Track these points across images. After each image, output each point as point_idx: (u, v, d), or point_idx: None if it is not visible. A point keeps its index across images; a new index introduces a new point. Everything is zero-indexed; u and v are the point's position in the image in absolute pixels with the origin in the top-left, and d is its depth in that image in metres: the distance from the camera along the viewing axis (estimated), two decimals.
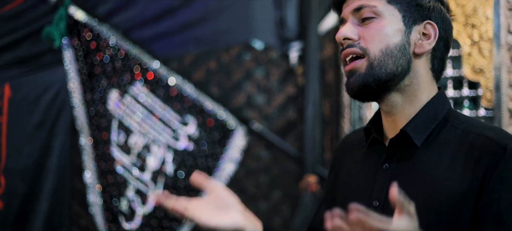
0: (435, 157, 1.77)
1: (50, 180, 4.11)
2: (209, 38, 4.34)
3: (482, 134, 1.74)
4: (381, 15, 1.80)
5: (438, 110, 1.84)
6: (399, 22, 1.80)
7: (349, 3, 1.84)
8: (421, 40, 1.82)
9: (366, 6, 1.80)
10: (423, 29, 1.82)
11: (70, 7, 4.03)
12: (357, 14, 1.82)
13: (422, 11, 1.83)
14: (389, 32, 1.79)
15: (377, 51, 1.78)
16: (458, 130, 1.79)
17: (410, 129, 1.79)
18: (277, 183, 4.39)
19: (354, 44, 1.80)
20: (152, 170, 4.21)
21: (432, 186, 1.74)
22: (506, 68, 3.39)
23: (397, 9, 1.81)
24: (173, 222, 4.23)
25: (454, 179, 1.72)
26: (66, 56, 4.08)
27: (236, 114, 4.30)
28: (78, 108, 4.14)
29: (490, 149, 1.70)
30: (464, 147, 1.75)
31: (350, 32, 1.81)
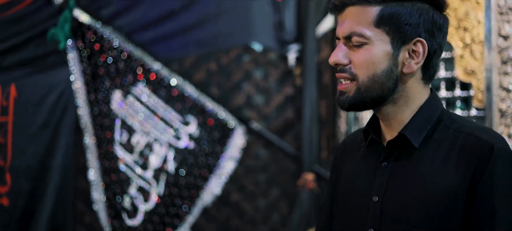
0: (430, 156, 1.85)
1: (55, 178, 4.13)
2: (209, 41, 4.34)
3: (472, 134, 1.81)
4: (370, 40, 1.82)
5: (432, 112, 1.90)
6: (387, 46, 1.84)
7: (342, 20, 1.88)
8: (409, 59, 1.85)
9: (354, 34, 1.83)
10: (412, 47, 1.85)
11: (75, 10, 4.04)
12: (348, 39, 1.85)
13: (411, 29, 1.85)
14: (377, 59, 1.83)
15: (365, 78, 1.83)
16: (451, 130, 1.86)
17: (408, 132, 1.86)
18: (275, 181, 4.40)
19: (345, 69, 1.84)
20: (154, 168, 4.23)
21: (428, 183, 1.82)
22: (497, 70, 3.43)
23: (385, 32, 1.83)
24: (175, 219, 4.25)
25: (448, 176, 1.80)
26: (70, 58, 4.10)
27: (235, 114, 4.31)
28: (82, 108, 4.15)
29: (479, 148, 1.78)
30: (456, 146, 1.82)
31: (341, 58, 1.85)
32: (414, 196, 1.81)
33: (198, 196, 4.29)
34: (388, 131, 1.93)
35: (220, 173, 4.31)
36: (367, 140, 1.99)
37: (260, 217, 4.40)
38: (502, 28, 3.41)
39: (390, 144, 1.90)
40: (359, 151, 2.02)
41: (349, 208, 1.97)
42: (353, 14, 1.84)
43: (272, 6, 4.39)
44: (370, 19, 1.82)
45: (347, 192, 2.00)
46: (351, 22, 1.83)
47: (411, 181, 1.85)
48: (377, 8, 1.82)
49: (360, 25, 1.82)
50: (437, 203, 1.79)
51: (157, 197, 4.24)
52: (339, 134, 4.36)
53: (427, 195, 1.81)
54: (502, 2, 3.39)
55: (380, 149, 1.94)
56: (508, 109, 3.36)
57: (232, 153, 4.32)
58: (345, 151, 2.14)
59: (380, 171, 1.89)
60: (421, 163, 1.85)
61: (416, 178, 1.84)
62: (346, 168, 2.04)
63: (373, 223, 1.88)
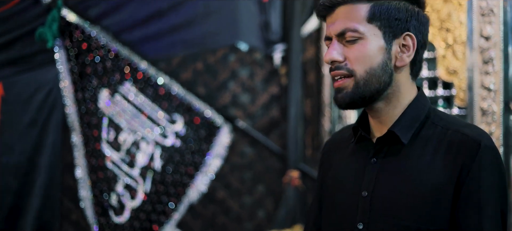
0: (418, 152, 1.88)
1: (42, 176, 4.10)
2: (196, 41, 4.35)
3: (459, 131, 1.85)
4: (363, 36, 1.86)
5: (420, 110, 1.94)
6: (380, 40, 1.87)
7: (333, 20, 1.91)
8: (401, 53, 1.89)
9: (348, 30, 1.86)
10: (402, 41, 1.89)
11: (63, 9, 4.02)
12: (341, 36, 1.88)
13: (400, 24, 1.89)
14: (372, 53, 1.87)
15: (362, 72, 1.86)
16: (438, 127, 1.90)
17: (397, 129, 1.89)
18: (260, 179, 4.43)
19: (341, 66, 1.87)
20: (140, 165, 4.22)
21: (416, 179, 1.86)
22: (478, 70, 3.46)
23: (377, 27, 1.87)
24: (161, 216, 4.25)
25: (435, 172, 1.84)
26: (58, 57, 4.08)
27: (221, 113, 4.32)
28: (69, 106, 4.13)
29: (466, 144, 1.82)
30: (443, 142, 1.86)
31: (336, 55, 1.88)
32: (402, 191, 1.85)
33: (185, 193, 4.29)
34: (377, 128, 1.96)
35: (206, 171, 4.32)
36: (356, 137, 2.01)
37: (246, 214, 4.42)
38: (484, 29, 3.43)
39: (379, 141, 1.93)
40: (347, 147, 2.05)
41: (338, 203, 1.99)
42: (344, 12, 1.88)
43: (258, 7, 4.42)
44: (362, 15, 1.85)
45: (336, 187, 2.03)
46: (343, 20, 1.87)
47: (399, 176, 1.88)
48: (367, 5, 1.86)
49: (353, 21, 1.86)
50: (425, 198, 1.83)
51: (144, 195, 4.23)
52: (323, 132, 4.41)
53: (415, 190, 1.84)
54: (484, 4, 3.42)
55: (369, 145, 1.97)
56: (489, 108, 3.39)
57: (218, 151, 4.33)
58: (333, 149, 2.17)
59: (369, 167, 1.92)
60: (410, 159, 1.89)
61: (405, 174, 1.88)
62: (334, 164, 2.07)
63: (362, 218, 1.90)
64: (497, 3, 3.39)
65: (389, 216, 1.87)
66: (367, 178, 1.92)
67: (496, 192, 1.83)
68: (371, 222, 1.89)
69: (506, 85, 3.38)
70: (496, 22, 3.40)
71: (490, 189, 1.81)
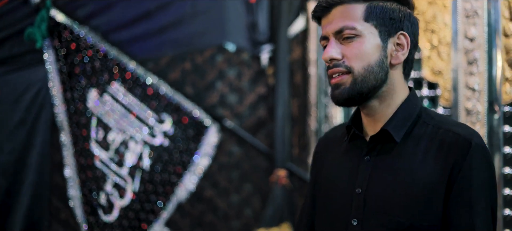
0: (410, 151, 1.93)
1: (31, 175, 4.09)
2: (184, 41, 4.37)
3: (450, 130, 1.90)
4: (361, 34, 1.91)
5: (412, 109, 1.99)
6: (377, 38, 1.92)
7: (330, 20, 1.95)
8: (396, 51, 1.94)
9: (346, 27, 1.90)
10: (397, 40, 1.94)
11: (51, 10, 4.01)
12: (338, 34, 1.92)
13: (395, 23, 1.94)
14: (369, 50, 1.91)
15: (360, 69, 1.90)
16: (429, 126, 1.95)
17: (390, 127, 1.93)
18: (248, 177, 4.46)
19: (339, 63, 1.91)
20: (129, 165, 4.23)
21: (409, 176, 1.90)
22: (463, 71, 3.52)
23: (374, 25, 1.91)
24: (150, 215, 4.26)
25: (427, 170, 1.88)
26: (47, 57, 4.06)
27: (209, 113, 4.34)
28: (58, 106, 4.13)
29: (457, 143, 1.87)
30: (435, 141, 1.91)
31: (335, 53, 1.92)
32: (395, 188, 1.89)
33: (173, 192, 4.30)
34: (370, 126, 2.00)
35: (194, 170, 4.33)
36: (349, 135, 2.05)
37: (234, 213, 4.44)
38: (468, 30, 3.48)
39: (373, 139, 1.97)
40: (341, 146, 2.09)
41: (332, 200, 2.02)
42: (340, 12, 1.92)
43: (246, 7, 4.44)
44: (359, 14, 1.90)
45: (330, 185, 2.06)
46: (340, 19, 1.91)
47: (392, 174, 1.92)
48: (363, 5, 1.91)
49: (350, 20, 1.90)
50: (417, 196, 1.87)
51: (133, 193, 4.23)
52: (310, 132, 4.45)
53: (408, 187, 1.88)
54: (468, 6, 3.47)
55: (362, 143, 2.01)
56: (474, 108, 3.45)
57: (206, 150, 4.35)
58: (326, 147, 2.21)
59: (363, 164, 1.96)
60: (402, 157, 1.93)
61: (398, 171, 1.91)
62: (328, 163, 2.11)
63: (356, 214, 1.94)
64: (481, 5, 3.44)
65: (382, 213, 1.90)
66: (361, 176, 1.95)
67: (487, 190, 1.87)
68: (365, 219, 1.92)
69: (490, 85, 3.42)
70: (480, 24, 3.45)
71: (481, 187, 1.86)
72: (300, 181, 4.38)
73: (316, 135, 4.47)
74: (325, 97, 4.39)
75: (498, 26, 3.39)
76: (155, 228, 4.29)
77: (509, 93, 3.34)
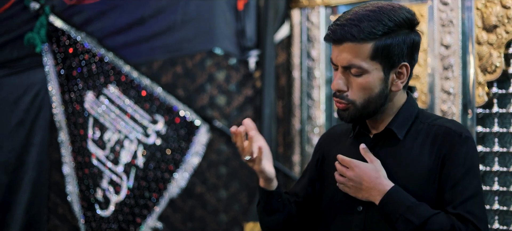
0: (409, 145, 2.11)
1: (30, 172, 4.08)
2: (175, 46, 4.38)
3: (443, 125, 2.10)
4: (366, 71, 2.03)
5: (411, 110, 2.17)
6: (380, 73, 2.04)
7: (340, 51, 2.05)
8: (396, 80, 2.08)
9: (354, 66, 2.03)
10: (398, 69, 2.07)
11: (50, 16, 4.00)
12: (346, 69, 2.05)
13: (398, 57, 2.05)
14: (372, 84, 2.04)
15: (362, 101, 2.06)
16: (425, 124, 2.13)
17: (394, 127, 2.11)
18: (236, 174, 4.48)
19: (343, 95, 2.06)
20: (124, 162, 4.24)
21: (408, 165, 2.08)
22: (439, 75, 3.67)
23: (379, 62, 2.03)
24: (144, 210, 4.28)
25: (424, 159, 2.07)
26: (45, 60, 4.06)
27: (200, 114, 4.36)
28: (56, 107, 4.12)
29: (449, 135, 2.07)
30: (430, 136, 2.09)
31: (342, 85, 2.07)
32: (397, 176, 2.06)
33: (165, 188, 4.32)
34: (373, 126, 2.17)
35: (185, 167, 4.36)
36: (354, 132, 2.22)
37: (222, 207, 4.47)
38: (444, 38, 3.64)
39: (377, 136, 2.15)
40: (346, 140, 2.26)
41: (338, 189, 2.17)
42: (350, 48, 2.02)
43: (234, 15, 4.47)
44: (366, 53, 2.01)
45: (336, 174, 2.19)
46: (349, 55, 2.02)
47: (394, 164, 2.09)
48: (371, 44, 2.00)
49: (358, 58, 2.01)
50: (416, 181, 2.05)
51: (127, 190, 4.24)
52: (294, 132, 4.53)
53: (408, 175, 2.07)
54: (444, 15, 3.62)
55: (367, 140, 2.18)
56: (449, 110, 3.62)
57: (197, 148, 4.37)
58: (332, 139, 2.37)
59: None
60: (402, 151, 2.10)
61: (399, 162, 2.09)
62: (333, 155, 2.26)
63: (361, 201, 2.12)
64: (456, 15, 3.60)
65: None
66: None
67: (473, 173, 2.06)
68: (370, 204, 2.09)
69: (464, 89, 3.60)
70: (455, 32, 3.61)
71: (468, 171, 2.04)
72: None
73: (300, 134, 4.53)
74: (308, 99, 4.47)
75: (472, 35, 3.56)
76: (148, 222, 4.30)
77: (481, 96, 3.51)
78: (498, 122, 3.54)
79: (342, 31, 2.03)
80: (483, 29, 3.50)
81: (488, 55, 3.47)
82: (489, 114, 3.57)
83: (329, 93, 4.39)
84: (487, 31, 3.47)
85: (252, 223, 4.24)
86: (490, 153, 3.58)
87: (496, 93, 3.52)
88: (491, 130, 3.56)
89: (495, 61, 3.44)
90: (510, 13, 3.37)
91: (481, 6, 3.50)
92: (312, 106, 4.43)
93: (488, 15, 3.46)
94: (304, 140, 4.52)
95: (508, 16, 3.38)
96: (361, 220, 2.15)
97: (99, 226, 4.18)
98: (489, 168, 3.56)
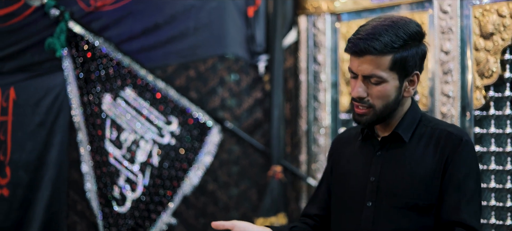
0: (413, 147, 2.26)
1: (50, 171, 4.10)
2: (188, 51, 4.40)
3: (445, 130, 2.25)
4: (385, 80, 2.18)
5: (416, 115, 2.32)
6: (396, 81, 2.20)
7: (361, 62, 2.19)
8: (408, 86, 2.24)
9: (375, 76, 2.17)
10: (411, 77, 2.23)
11: (69, 22, 4.03)
12: (367, 78, 2.19)
13: (412, 68, 2.21)
14: (389, 92, 2.19)
15: (380, 106, 2.21)
16: (428, 127, 2.28)
17: (400, 130, 2.27)
18: (246, 173, 4.49)
19: (364, 101, 2.20)
20: (140, 161, 4.27)
21: (413, 166, 2.23)
22: (439, 79, 3.72)
23: (396, 72, 2.18)
24: (158, 206, 4.29)
25: (427, 161, 2.22)
26: (65, 64, 4.09)
27: (212, 115, 4.38)
28: (75, 109, 4.14)
29: (451, 139, 2.21)
30: (433, 139, 2.24)
31: (362, 92, 2.20)
32: (403, 176, 2.21)
33: (179, 186, 4.35)
34: (381, 130, 2.32)
35: (198, 166, 4.39)
36: (363, 135, 2.36)
37: (233, 204, 4.49)
38: (444, 45, 3.67)
39: (384, 139, 2.29)
40: (355, 143, 2.39)
41: (349, 187, 2.32)
42: (371, 60, 2.16)
43: (244, 22, 4.52)
44: (385, 65, 2.16)
45: (347, 174, 2.37)
46: (370, 66, 2.16)
47: (400, 165, 2.23)
48: (390, 57, 2.15)
49: (378, 69, 2.16)
50: (420, 181, 2.19)
51: (143, 187, 4.27)
52: (301, 132, 4.58)
53: (413, 175, 2.20)
54: (444, 23, 3.65)
55: (374, 142, 2.33)
56: (448, 112, 3.66)
57: (209, 148, 4.41)
58: (342, 144, 2.49)
59: (375, 158, 2.29)
60: (407, 152, 2.25)
61: (404, 163, 2.23)
62: (344, 157, 2.42)
63: (370, 197, 2.26)
64: (455, 23, 3.62)
65: (392, 195, 2.22)
66: (374, 167, 2.26)
67: (472, 175, 2.19)
68: (378, 200, 2.23)
69: (463, 92, 3.63)
70: (454, 39, 3.64)
71: (468, 173, 2.18)
72: (292, 175, 4.49)
73: (307, 135, 4.58)
74: (315, 102, 4.52)
75: (470, 41, 3.58)
76: (163, 218, 4.33)
77: (479, 99, 3.55)
78: (495, 123, 3.59)
79: (364, 44, 2.16)
80: (480, 36, 3.54)
81: (485, 61, 3.50)
82: (486, 116, 3.61)
83: (334, 96, 4.44)
84: (484, 38, 3.53)
85: (262, 219, 4.28)
86: (487, 153, 3.62)
87: (492, 97, 3.57)
88: (488, 131, 3.60)
89: (492, 66, 3.50)
90: (506, 21, 3.42)
91: (478, 14, 3.55)
92: (318, 108, 4.49)
93: (485, 23, 3.50)
94: (310, 140, 4.57)
95: (504, 24, 3.43)
96: (371, 214, 2.27)
97: (116, 222, 4.22)
98: (486, 167, 3.60)
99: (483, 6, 3.55)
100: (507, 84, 3.55)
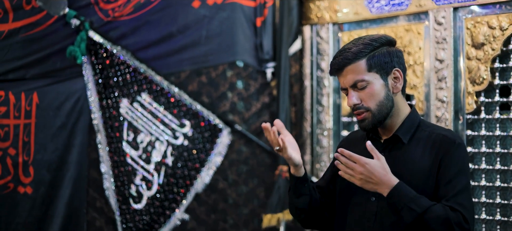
0: (413, 149, 2.43)
1: (71, 170, 4.16)
2: (200, 59, 4.46)
3: (441, 133, 2.42)
4: (369, 81, 2.39)
5: (414, 120, 2.49)
6: (380, 80, 2.40)
7: (344, 76, 2.41)
8: (394, 83, 2.42)
9: (358, 81, 2.39)
10: (393, 75, 2.42)
11: (89, 31, 4.11)
12: (354, 86, 2.40)
13: (389, 64, 2.42)
14: (378, 91, 2.39)
15: (375, 106, 2.40)
16: (426, 132, 2.46)
17: (400, 133, 2.44)
18: (254, 172, 4.58)
19: (360, 106, 2.40)
20: (155, 161, 4.36)
21: (412, 165, 2.40)
22: (433, 85, 3.80)
23: (375, 72, 2.39)
24: (172, 203, 4.37)
25: (424, 161, 2.39)
26: (85, 71, 4.16)
27: (222, 118, 4.49)
28: (95, 112, 4.21)
29: (445, 142, 2.39)
30: (430, 141, 2.42)
31: (355, 100, 2.41)
32: (403, 174, 2.37)
33: (192, 184, 4.41)
34: (383, 133, 2.49)
35: (209, 166, 4.48)
36: (368, 137, 2.53)
37: (242, 201, 4.53)
38: (438, 53, 3.76)
39: (386, 141, 2.47)
40: (361, 144, 2.53)
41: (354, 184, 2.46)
42: (351, 70, 2.39)
43: (253, 31, 4.59)
44: (363, 68, 2.38)
45: None
46: (352, 75, 2.39)
47: (401, 164, 2.40)
48: (364, 60, 2.37)
49: (359, 74, 2.38)
50: (418, 178, 2.37)
51: (158, 186, 4.36)
52: (305, 134, 4.66)
53: (412, 173, 2.38)
54: (438, 34, 3.74)
55: (378, 144, 2.49)
56: (443, 116, 3.76)
57: (220, 149, 4.48)
58: (349, 144, 2.64)
59: None
60: (407, 153, 2.42)
61: (404, 163, 2.41)
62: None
63: (374, 193, 2.42)
64: (449, 33, 3.70)
65: None
66: None
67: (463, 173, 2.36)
68: (381, 195, 2.37)
69: (456, 98, 3.72)
70: (448, 49, 3.73)
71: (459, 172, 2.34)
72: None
73: (311, 137, 4.63)
74: (318, 106, 4.59)
75: (462, 51, 3.67)
76: (176, 214, 4.40)
77: (471, 104, 3.65)
78: (485, 126, 3.67)
79: (339, 61, 2.42)
80: (472, 46, 3.64)
81: (476, 69, 3.60)
82: (477, 120, 3.69)
83: (337, 100, 4.52)
84: (475, 48, 3.61)
85: (269, 215, 4.33)
86: (478, 153, 3.70)
87: (483, 102, 3.66)
88: (479, 133, 3.68)
89: (483, 74, 3.58)
90: (496, 33, 3.52)
91: (470, 26, 3.63)
92: (322, 111, 4.56)
93: (476, 34, 3.59)
94: (314, 142, 4.64)
95: (493, 35, 3.52)
96: (374, 208, 2.46)
97: (132, 218, 4.29)
98: (477, 166, 3.69)
99: (474, 19, 3.63)
100: (496, 91, 3.63)
